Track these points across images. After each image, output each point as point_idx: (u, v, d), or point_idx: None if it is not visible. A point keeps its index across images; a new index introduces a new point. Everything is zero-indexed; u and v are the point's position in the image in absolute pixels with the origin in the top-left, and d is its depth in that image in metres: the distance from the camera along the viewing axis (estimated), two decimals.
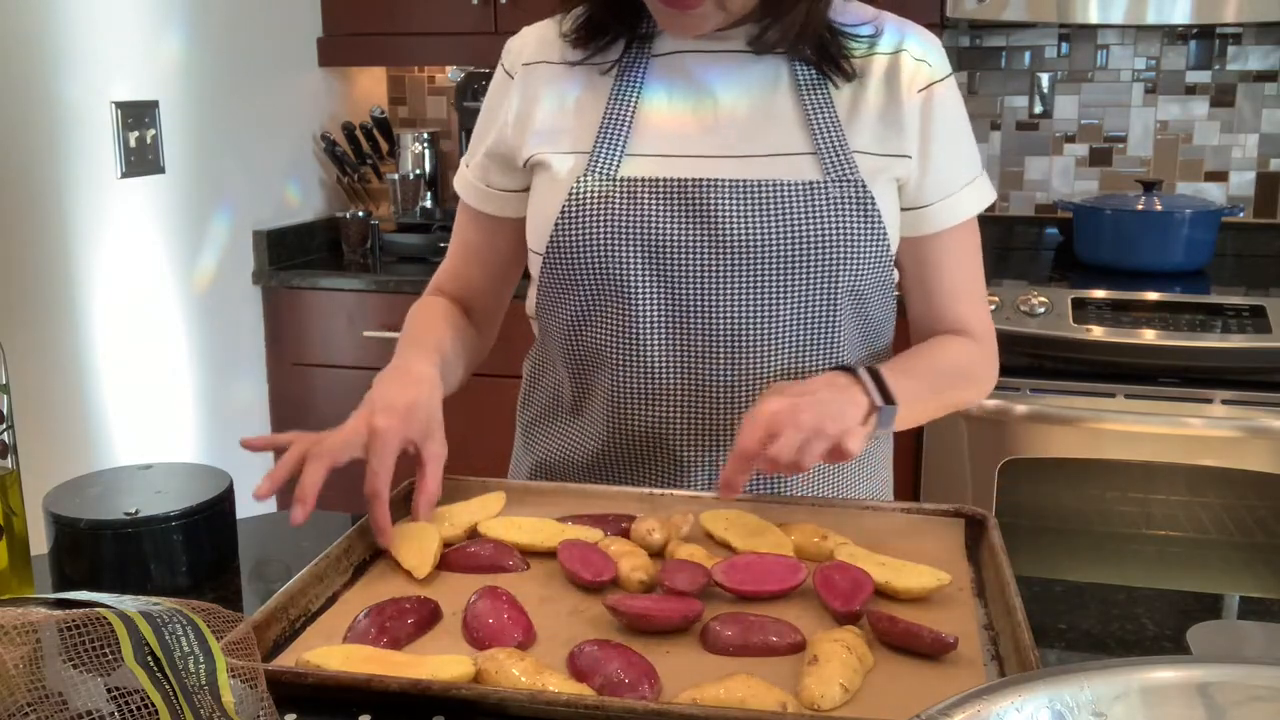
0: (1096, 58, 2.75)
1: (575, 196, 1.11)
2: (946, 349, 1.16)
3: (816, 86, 1.13)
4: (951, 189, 1.15)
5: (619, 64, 1.16)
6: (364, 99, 3.07)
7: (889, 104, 1.12)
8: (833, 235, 1.09)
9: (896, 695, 0.76)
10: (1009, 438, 2.25)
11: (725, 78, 1.13)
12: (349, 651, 0.80)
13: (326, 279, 2.65)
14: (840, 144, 1.11)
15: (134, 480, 1.06)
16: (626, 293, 1.11)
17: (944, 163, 1.14)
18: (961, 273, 1.18)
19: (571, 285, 1.13)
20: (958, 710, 0.57)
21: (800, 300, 1.10)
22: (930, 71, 1.13)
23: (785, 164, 1.11)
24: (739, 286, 1.09)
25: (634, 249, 1.10)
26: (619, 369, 1.13)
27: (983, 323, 1.20)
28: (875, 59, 1.13)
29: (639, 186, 1.10)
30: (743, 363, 1.11)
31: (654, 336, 1.11)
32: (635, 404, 1.14)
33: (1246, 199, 2.73)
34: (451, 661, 0.79)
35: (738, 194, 1.09)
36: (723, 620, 0.84)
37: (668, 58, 1.15)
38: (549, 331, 1.21)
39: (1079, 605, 0.95)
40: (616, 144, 1.13)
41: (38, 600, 0.68)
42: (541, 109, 1.17)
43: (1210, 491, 2.27)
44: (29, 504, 0.95)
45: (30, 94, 2.08)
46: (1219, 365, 2.13)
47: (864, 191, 1.10)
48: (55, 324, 2.17)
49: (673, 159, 1.12)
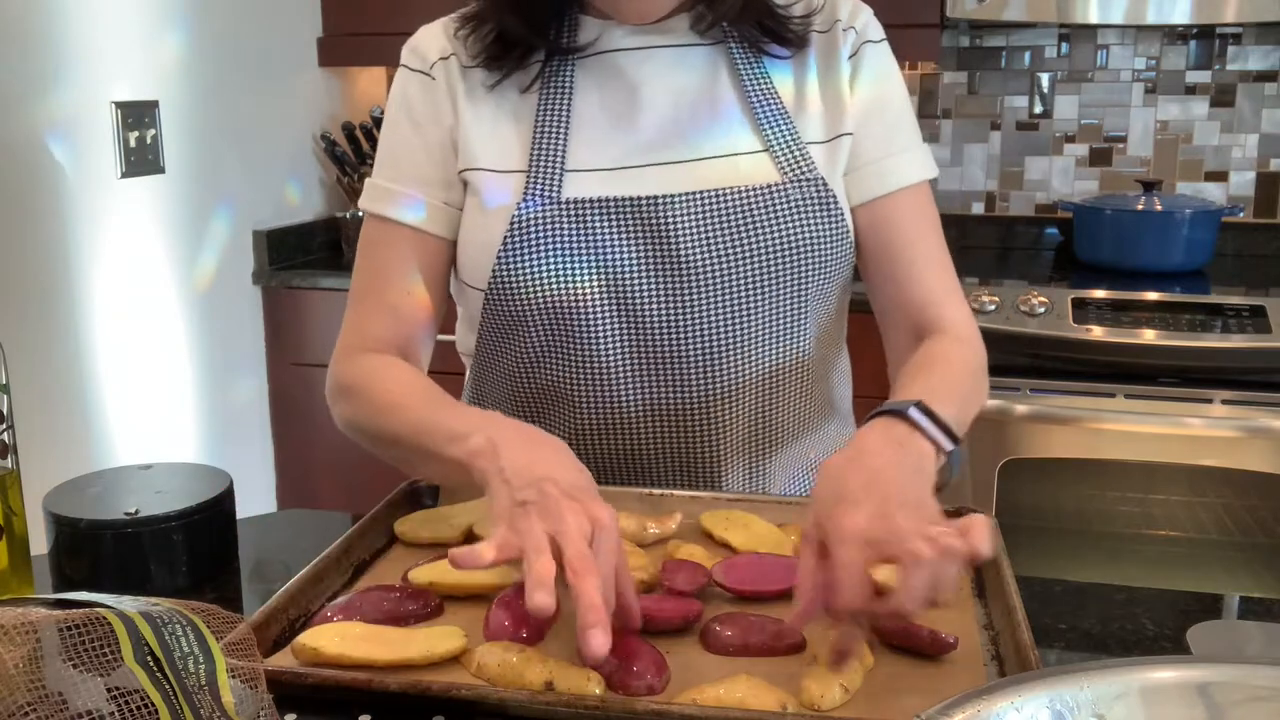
0: (1096, 58, 2.75)
1: (518, 224, 1.01)
2: (951, 357, 1.05)
3: (758, 76, 1.07)
4: (882, 153, 1.08)
5: (541, 77, 1.06)
6: (364, 99, 3.07)
7: (830, 82, 1.08)
8: (798, 241, 1.03)
9: (896, 695, 0.76)
10: (1009, 438, 2.25)
11: (662, 74, 1.06)
12: (342, 630, 0.80)
13: (326, 279, 2.64)
14: (792, 138, 1.05)
15: (134, 480, 1.06)
16: (586, 325, 1.03)
17: (872, 124, 1.08)
18: (917, 243, 1.09)
19: (521, 322, 1.05)
20: (958, 710, 0.57)
21: (770, 311, 1.04)
22: (858, 36, 1.08)
23: (738, 165, 1.04)
24: (704, 309, 1.03)
25: (590, 278, 1.01)
26: (582, 405, 1.07)
27: (958, 309, 1.09)
28: (813, 37, 1.08)
29: (587, 209, 1.01)
30: (714, 380, 1.06)
31: (619, 368, 1.05)
32: (602, 436, 1.09)
33: (1246, 199, 2.73)
34: (445, 634, 0.79)
35: (694, 209, 1.02)
36: (723, 620, 0.84)
37: (595, 59, 1.07)
38: (492, 367, 1.12)
39: (1079, 605, 0.95)
40: (554, 160, 1.03)
41: (38, 600, 0.68)
42: (466, 115, 1.06)
43: (1210, 491, 2.27)
44: (29, 504, 0.95)
45: (30, 94, 2.08)
46: (1219, 365, 2.13)
47: (824, 190, 1.04)
48: (55, 324, 2.17)
49: (618, 172, 1.03)
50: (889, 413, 0.89)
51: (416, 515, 1.04)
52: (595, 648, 0.73)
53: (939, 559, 0.74)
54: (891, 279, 1.09)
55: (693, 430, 1.08)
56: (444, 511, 1.04)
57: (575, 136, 1.05)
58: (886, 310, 1.11)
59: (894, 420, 0.88)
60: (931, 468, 0.86)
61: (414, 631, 0.81)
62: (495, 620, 0.84)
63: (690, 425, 1.08)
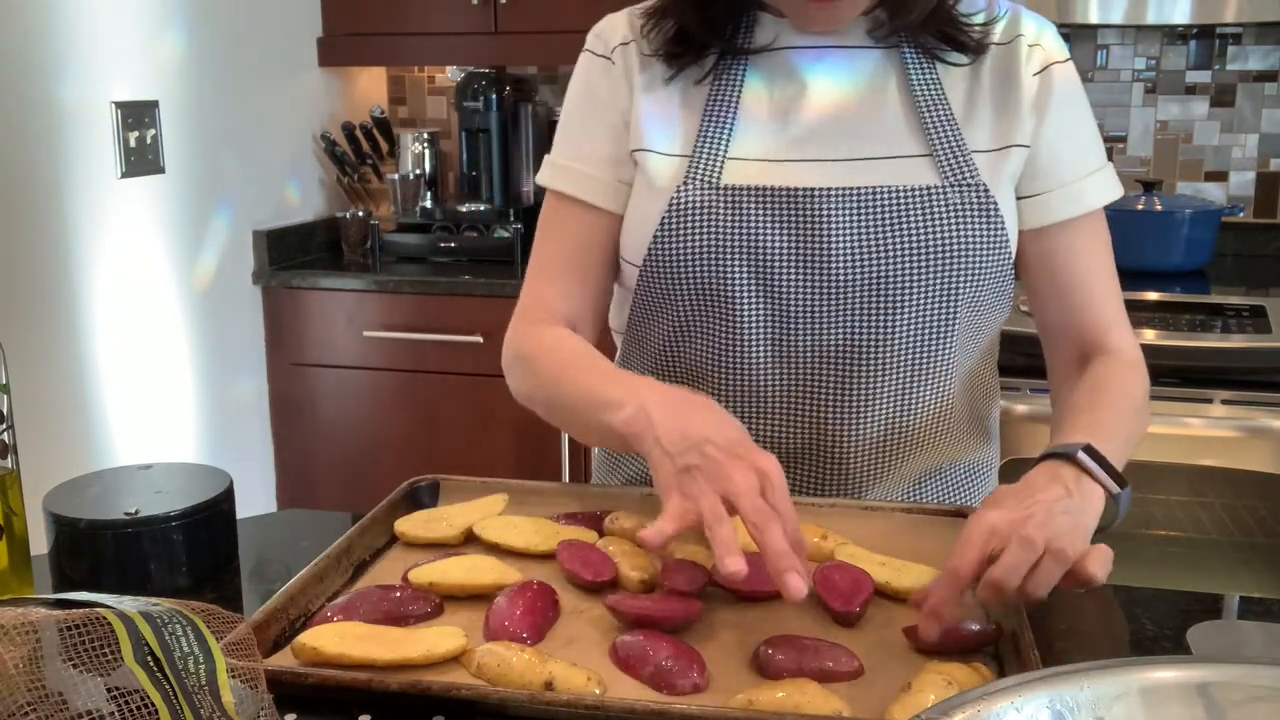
0: (1096, 58, 2.75)
1: (676, 206, 1.04)
2: (1118, 388, 1.05)
3: (929, 83, 1.06)
4: (1073, 175, 1.08)
5: (714, 71, 1.09)
6: (364, 99, 3.07)
7: (1005, 94, 1.06)
8: (953, 244, 1.02)
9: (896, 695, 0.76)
10: (1009, 438, 2.25)
11: (831, 74, 1.07)
12: (342, 630, 0.80)
13: (326, 279, 2.65)
14: (957, 144, 1.05)
15: (134, 480, 1.06)
16: (730, 307, 1.05)
17: (1064, 147, 1.08)
18: (1095, 274, 1.10)
19: (671, 298, 1.07)
20: (958, 710, 0.57)
21: (916, 316, 1.03)
22: (1045, 54, 1.07)
23: (898, 168, 1.04)
24: (850, 303, 1.03)
25: (739, 262, 1.03)
26: (720, 384, 1.08)
27: (1126, 334, 1.10)
28: (990, 48, 1.07)
29: (743, 196, 1.04)
30: (851, 380, 1.05)
31: (758, 352, 1.06)
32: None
33: (1246, 199, 2.73)
34: (445, 634, 0.80)
35: (848, 204, 1.02)
36: (773, 643, 0.81)
37: (768, 54, 1.09)
38: (641, 344, 1.15)
39: (1079, 605, 0.95)
40: (718, 149, 1.06)
41: (38, 600, 0.68)
42: (640, 99, 1.10)
43: (1210, 491, 2.27)
44: (29, 504, 0.95)
45: (30, 94, 2.08)
46: (1219, 365, 2.13)
47: (985, 196, 1.03)
48: (55, 324, 2.17)
49: (778, 164, 1.05)
50: (1057, 456, 0.90)
51: (416, 515, 1.04)
52: (794, 590, 0.78)
53: (1048, 555, 0.80)
54: (1066, 299, 1.10)
55: (826, 423, 1.08)
56: (444, 511, 1.04)
57: (740, 127, 1.07)
58: (1055, 328, 1.12)
59: (1062, 464, 0.89)
60: (1096, 511, 0.88)
61: (414, 631, 0.81)
62: (495, 620, 0.84)
63: (824, 417, 1.08)
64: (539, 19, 2.65)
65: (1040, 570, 0.80)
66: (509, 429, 2.58)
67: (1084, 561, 0.81)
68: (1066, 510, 0.85)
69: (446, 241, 2.78)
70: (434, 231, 2.81)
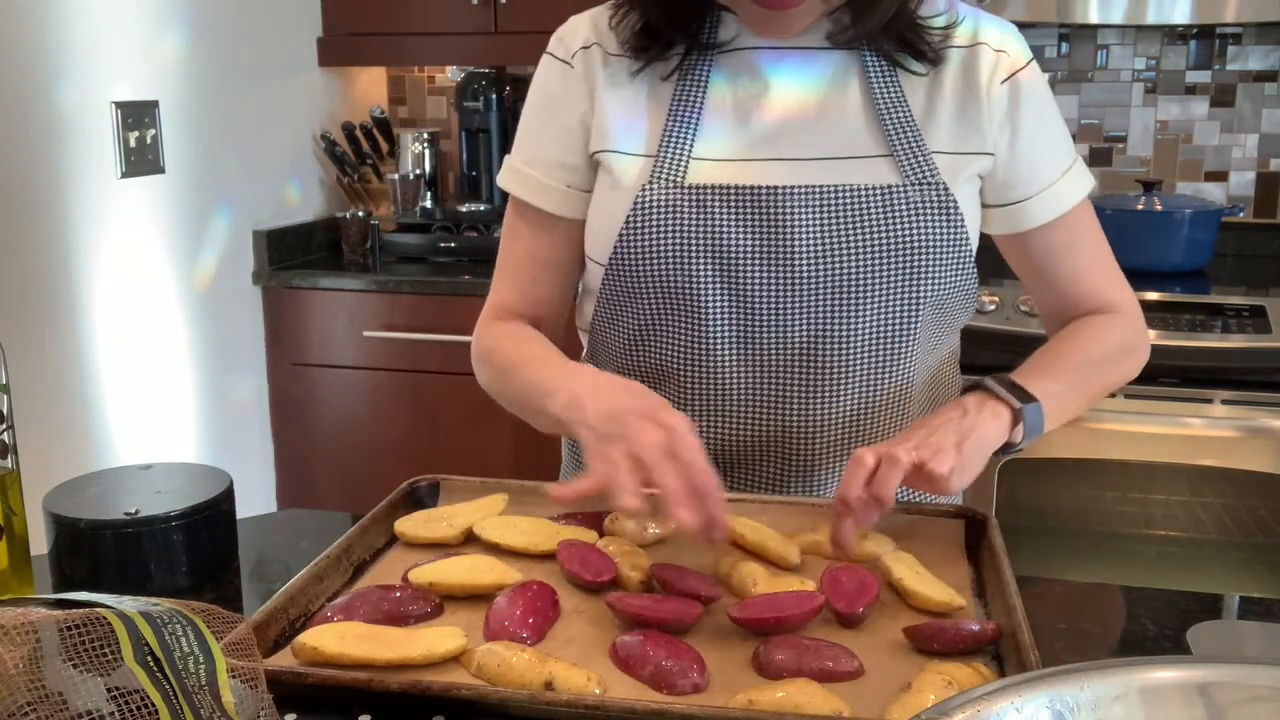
0: (1096, 58, 2.75)
1: (641, 205, 1.06)
2: (1083, 331, 1.12)
3: (890, 84, 1.08)
4: (1048, 180, 1.11)
5: (680, 68, 1.10)
6: (364, 99, 3.07)
7: (967, 99, 1.08)
8: (914, 242, 1.04)
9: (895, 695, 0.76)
10: None
11: (794, 74, 1.09)
12: (342, 630, 0.80)
13: (326, 279, 2.65)
14: (917, 144, 1.06)
15: (134, 480, 1.06)
16: (696, 305, 1.06)
17: (1037, 154, 1.10)
18: (1081, 256, 1.14)
19: (636, 297, 1.09)
20: (958, 710, 0.57)
21: (879, 312, 1.05)
22: (1011, 60, 1.08)
23: (860, 167, 1.06)
24: (813, 300, 1.05)
25: (703, 261, 1.05)
26: (686, 381, 1.10)
27: (1121, 293, 1.16)
28: (951, 53, 1.08)
29: (708, 195, 1.05)
30: (815, 375, 1.07)
31: (724, 350, 1.07)
32: (703, 417, 1.10)
33: (1246, 199, 2.73)
34: (445, 634, 0.80)
35: (811, 202, 1.04)
36: (773, 643, 0.81)
37: (732, 54, 1.10)
38: (606, 344, 1.16)
39: (1079, 605, 0.95)
40: (683, 148, 1.07)
41: (38, 600, 0.68)
42: (604, 100, 1.11)
43: (1210, 491, 2.27)
44: (29, 504, 0.95)
45: (30, 94, 2.08)
46: (1219, 365, 2.13)
47: (945, 194, 1.05)
48: (55, 324, 2.17)
49: (742, 163, 1.07)
50: (971, 388, 1.02)
51: (416, 515, 1.04)
52: (684, 518, 0.84)
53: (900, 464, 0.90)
54: (1065, 293, 1.16)
55: (791, 421, 1.09)
56: (444, 511, 1.04)
57: (705, 126, 1.09)
58: (1049, 310, 1.18)
59: (971, 392, 1.01)
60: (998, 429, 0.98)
61: (414, 631, 0.81)
62: (495, 620, 0.84)
63: (789, 416, 1.09)
64: (539, 19, 2.64)
65: (878, 474, 0.91)
66: (509, 429, 2.58)
67: (931, 461, 0.91)
68: (954, 430, 0.95)
69: (446, 241, 2.78)
70: (434, 231, 2.81)
